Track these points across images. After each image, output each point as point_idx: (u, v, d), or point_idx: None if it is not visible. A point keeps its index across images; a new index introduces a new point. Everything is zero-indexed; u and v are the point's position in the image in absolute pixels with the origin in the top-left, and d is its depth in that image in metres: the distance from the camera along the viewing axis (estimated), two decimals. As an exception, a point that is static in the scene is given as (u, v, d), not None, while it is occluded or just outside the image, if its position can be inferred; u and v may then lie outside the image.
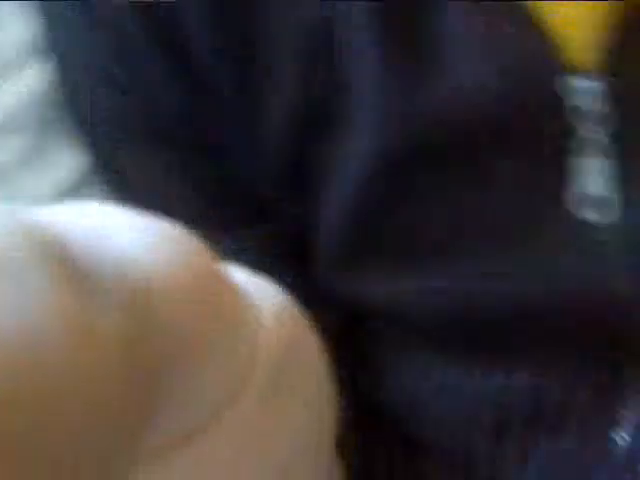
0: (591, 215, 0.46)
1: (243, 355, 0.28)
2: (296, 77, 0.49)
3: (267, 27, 0.49)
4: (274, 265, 0.52)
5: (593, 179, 0.46)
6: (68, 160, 0.71)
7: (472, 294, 0.48)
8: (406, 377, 0.53)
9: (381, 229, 0.50)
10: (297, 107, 0.49)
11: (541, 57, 0.45)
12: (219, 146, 0.51)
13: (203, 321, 0.26)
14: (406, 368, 0.53)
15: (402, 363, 0.53)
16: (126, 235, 0.26)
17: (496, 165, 0.47)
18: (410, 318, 0.51)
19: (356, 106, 0.48)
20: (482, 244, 0.48)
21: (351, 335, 0.55)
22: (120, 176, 0.53)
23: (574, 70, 0.45)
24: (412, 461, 0.55)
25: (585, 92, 0.45)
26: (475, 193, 0.48)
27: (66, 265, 0.23)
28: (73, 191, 0.69)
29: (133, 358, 0.24)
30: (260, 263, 0.52)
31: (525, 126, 0.46)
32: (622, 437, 0.49)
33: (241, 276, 0.30)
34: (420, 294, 0.50)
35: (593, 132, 0.45)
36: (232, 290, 0.28)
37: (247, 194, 0.53)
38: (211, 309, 0.27)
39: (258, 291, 0.30)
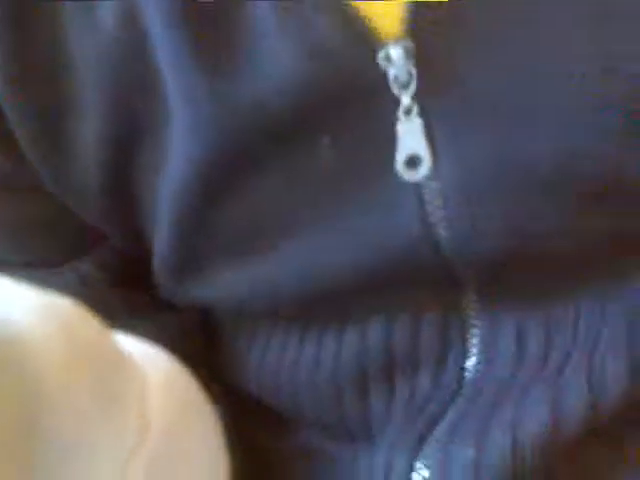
0: (411, 174, 0.48)
1: (130, 426, 0.29)
2: (103, 101, 0.49)
3: (65, 52, 0.49)
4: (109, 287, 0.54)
5: (409, 140, 0.48)
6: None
7: (310, 270, 0.50)
8: (264, 358, 0.55)
9: (206, 231, 0.51)
10: (108, 131, 0.50)
11: (353, 33, 0.47)
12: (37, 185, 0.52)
13: (83, 395, 0.27)
14: (263, 347, 0.55)
15: (258, 343, 0.55)
16: (17, 308, 0.26)
17: (319, 144, 0.48)
18: (253, 307, 0.53)
19: (168, 115, 0.49)
20: (311, 222, 0.50)
21: (206, 327, 0.57)
22: None
23: (385, 40, 0.47)
24: (289, 435, 0.57)
25: (396, 58, 0.47)
26: (299, 175, 0.49)
27: None
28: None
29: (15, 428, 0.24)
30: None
31: (346, 104, 0.48)
32: (472, 365, 0.52)
33: (131, 346, 0.31)
34: (257, 283, 0.51)
35: (403, 95, 0.47)
36: (118, 363, 0.29)
37: (73, 228, 0.54)
38: (92, 383, 0.27)
39: (148, 360, 0.31)
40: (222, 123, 0.48)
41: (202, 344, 0.57)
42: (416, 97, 0.47)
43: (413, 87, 0.47)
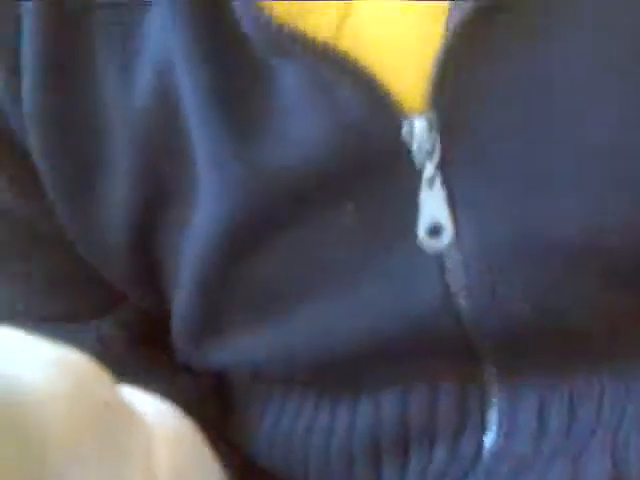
0: (433, 243, 0.48)
1: None
2: (133, 162, 0.50)
3: (102, 113, 0.50)
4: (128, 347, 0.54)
5: (431, 208, 0.48)
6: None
7: (328, 336, 0.50)
8: (278, 422, 0.54)
9: (227, 292, 0.51)
10: (137, 191, 0.50)
11: (377, 106, 0.47)
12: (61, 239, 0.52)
13: (91, 455, 0.27)
14: (278, 412, 0.54)
15: (272, 408, 0.54)
16: (29, 365, 0.26)
17: (342, 209, 0.48)
18: (269, 371, 0.53)
19: (196, 178, 0.49)
20: (331, 287, 0.49)
21: (218, 393, 0.56)
22: None
23: (408, 112, 0.47)
24: None
25: (419, 130, 0.47)
26: (321, 239, 0.49)
27: None
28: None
29: None
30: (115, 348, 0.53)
31: (370, 173, 0.48)
32: (491, 439, 0.51)
33: (141, 400, 0.31)
34: (274, 347, 0.51)
35: (426, 164, 0.47)
36: (126, 420, 0.28)
37: (97, 285, 0.54)
38: (100, 442, 0.27)
39: (157, 415, 0.31)
40: (248, 187, 0.49)
41: (216, 408, 0.56)
42: (440, 168, 0.47)
43: (437, 157, 0.47)
